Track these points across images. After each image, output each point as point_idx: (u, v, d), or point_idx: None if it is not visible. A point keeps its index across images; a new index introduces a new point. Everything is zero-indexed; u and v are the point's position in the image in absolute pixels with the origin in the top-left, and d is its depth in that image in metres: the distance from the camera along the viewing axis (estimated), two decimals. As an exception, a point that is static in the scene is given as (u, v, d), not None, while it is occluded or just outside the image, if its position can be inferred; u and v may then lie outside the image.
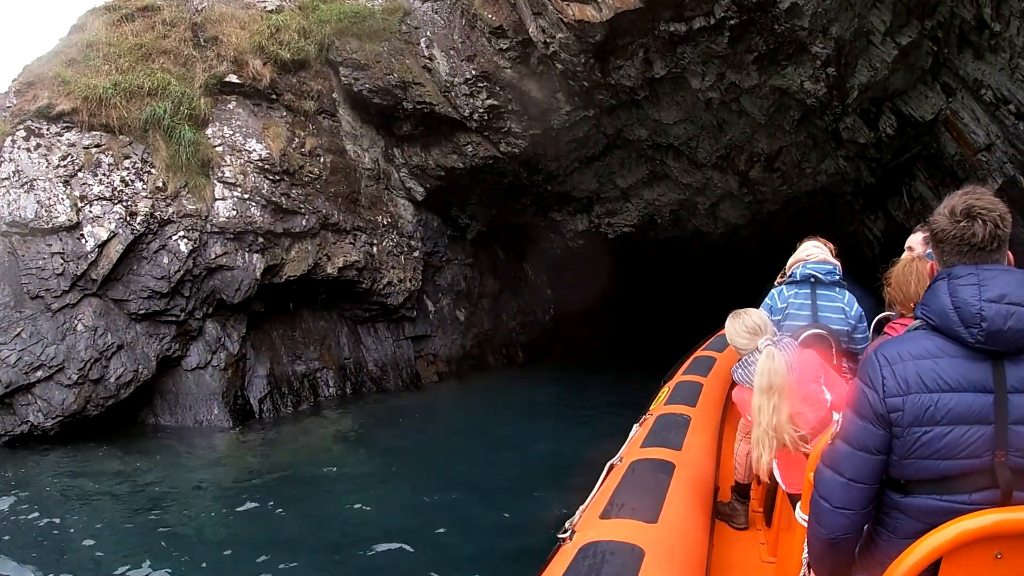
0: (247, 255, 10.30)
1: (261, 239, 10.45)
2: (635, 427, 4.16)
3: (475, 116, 12.38)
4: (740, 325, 3.25)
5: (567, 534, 2.64)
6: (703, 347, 7.07)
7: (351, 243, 11.80)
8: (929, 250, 4.06)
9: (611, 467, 3.45)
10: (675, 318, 18.81)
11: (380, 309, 12.85)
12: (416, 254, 13.51)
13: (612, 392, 12.45)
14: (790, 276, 4.10)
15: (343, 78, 12.38)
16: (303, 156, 11.26)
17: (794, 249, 4.40)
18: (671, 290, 22.38)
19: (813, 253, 4.14)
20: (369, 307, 12.74)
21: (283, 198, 10.76)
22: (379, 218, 12.77)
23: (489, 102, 12.16)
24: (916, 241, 4.26)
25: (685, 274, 21.37)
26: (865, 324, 3.85)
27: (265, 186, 10.58)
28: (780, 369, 2.86)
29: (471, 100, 12.24)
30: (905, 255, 3.34)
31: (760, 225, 15.67)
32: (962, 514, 1.71)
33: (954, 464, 1.71)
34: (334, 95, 12.55)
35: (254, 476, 8.01)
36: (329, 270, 11.47)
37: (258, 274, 10.32)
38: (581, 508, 2.88)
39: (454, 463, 8.88)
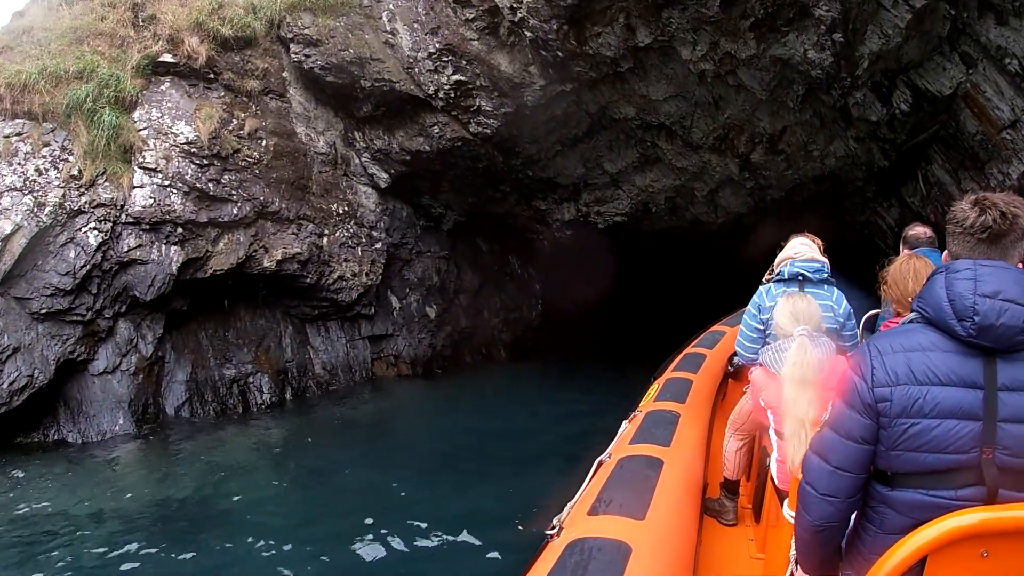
0: (163, 247, 9.73)
1: (181, 230, 9.88)
2: (624, 424, 4.22)
3: (440, 94, 11.63)
4: (789, 306, 3.30)
5: (555, 531, 2.68)
6: (693, 344, 7.07)
7: (293, 233, 11.17)
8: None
9: (600, 464, 3.49)
10: (674, 313, 18.06)
11: (331, 306, 12.24)
12: (378, 246, 12.84)
13: (600, 389, 12.17)
14: (778, 274, 4.12)
15: (293, 55, 11.71)
16: (240, 139, 10.72)
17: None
18: (670, 284, 21.85)
19: (801, 251, 4.15)
20: (318, 304, 12.12)
21: (211, 184, 10.16)
22: (333, 206, 12.10)
23: (455, 78, 11.40)
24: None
25: (685, 267, 20.75)
26: (853, 322, 3.96)
27: (190, 171, 10.00)
28: (812, 363, 2.88)
29: (435, 76, 11.50)
30: (902, 255, 3.42)
31: (764, 214, 14.86)
32: (948, 509, 1.76)
33: (941, 458, 1.77)
34: (284, 74, 11.98)
35: (155, 499, 7.35)
36: (266, 263, 10.85)
37: (174, 268, 9.76)
38: (569, 505, 2.92)
39: (404, 469, 8.39)
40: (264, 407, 10.95)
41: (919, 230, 4.59)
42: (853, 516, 2.00)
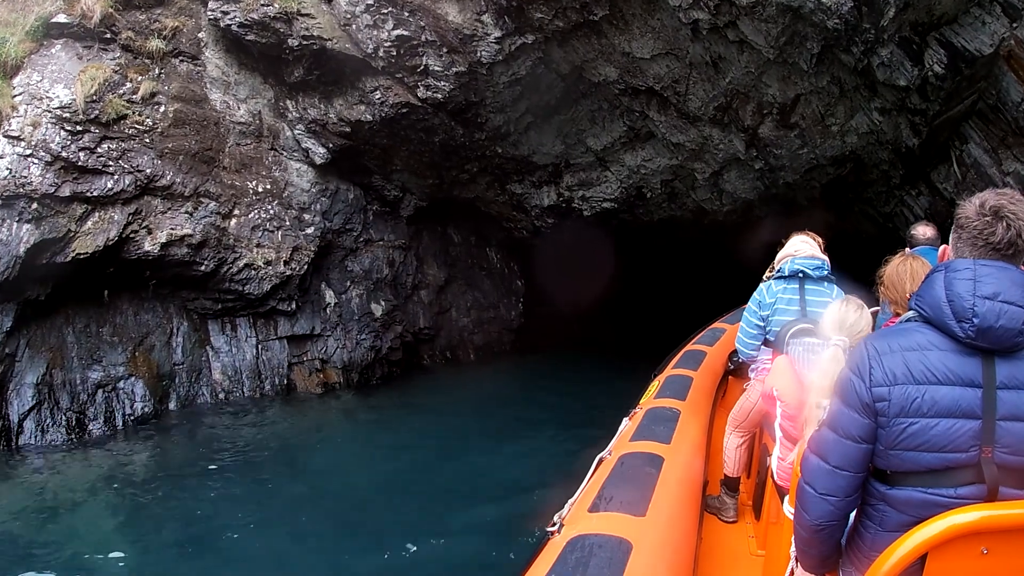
0: (14, 226, 8.82)
1: (36, 205, 8.95)
2: (625, 421, 4.40)
3: (381, 52, 10.57)
4: (841, 312, 3.28)
5: (555, 528, 2.79)
6: (693, 341, 7.36)
7: (187, 212, 10.22)
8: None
9: (600, 460, 3.63)
10: (674, 317, 17.02)
11: (238, 300, 11.25)
12: (309, 231, 11.84)
13: (580, 400, 11.89)
14: (778, 271, 4.36)
15: (210, 13, 10.83)
16: (130, 103, 9.87)
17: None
18: (673, 285, 21.16)
19: (802, 248, 4.42)
20: (222, 297, 11.12)
21: (82, 154, 9.27)
22: (252, 184, 11.15)
23: (397, 32, 10.33)
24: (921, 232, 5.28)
25: (690, 267, 19.74)
26: None
27: (57, 139, 9.12)
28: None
29: (375, 32, 10.45)
30: (898, 255, 3.48)
31: (776, 202, 13.63)
32: (948, 507, 1.87)
33: (940, 457, 1.88)
34: (200, 35, 11.18)
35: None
36: (147, 247, 9.88)
37: (21, 250, 8.79)
38: (570, 502, 3.03)
39: (322, 502, 7.54)
40: (135, 419, 9.87)
41: (920, 229, 5.30)
42: (853, 514, 2.09)
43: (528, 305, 17.80)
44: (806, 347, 3.58)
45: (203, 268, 10.45)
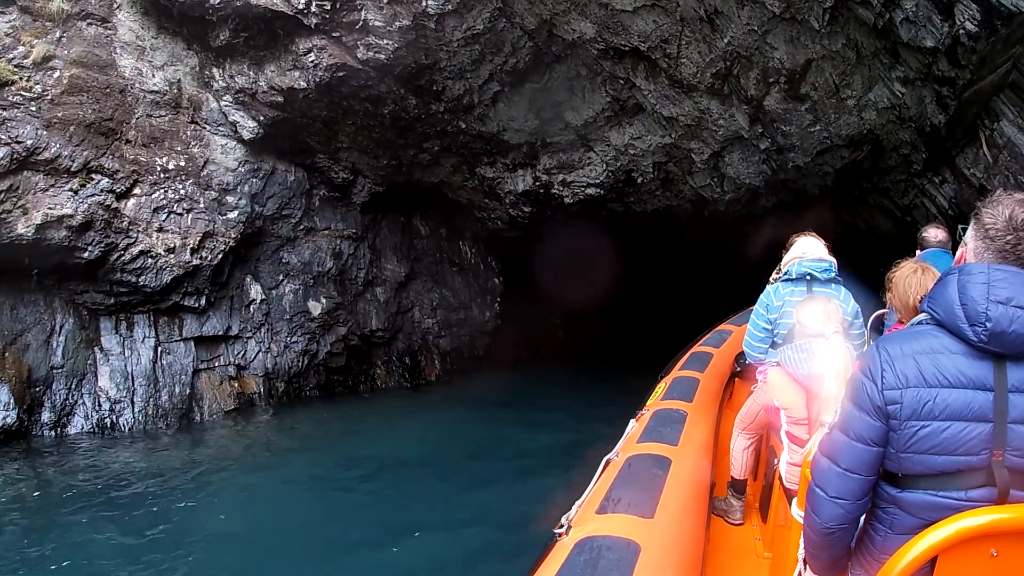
0: None
1: None
2: (632, 422, 4.56)
3: (313, 7, 9.83)
4: (817, 306, 3.88)
5: (563, 529, 2.92)
6: (700, 342, 7.60)
7: (71, 190, 9.47)
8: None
9: (607, 462, 3.80)
10: (674, 317, 16.33)
11: (134, 293, 10.41)
12: (232, 215, 11.10)
13: (559, 411, 11.28)
14: (785, 273, 4.54)
15: None
16: (19, 68, 9.38)
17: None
18: (673, 284, 20.42)
19: (810, 250, 4.58)
20: (115, 289, 10.28)
21: None
22: (162, 160, 10.41)
23: (330, -18, 9.41)
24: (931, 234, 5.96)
25: (691, 265, 18.87)
26: (861, 320, 4.39)
27: None
28: (850, 362, 3.15)
29: (306, -17, 9.55)
30: (910, 263, 3.65)
31: (785, 191, 12.69)
32: (958, 510, 1.96)
33: (951, 460, 1.97)
34: None
35: None
36: (21, 229, 9.10)
37: None
38: (577, 503, 3.17)
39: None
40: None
41: (931, 232, 5.72)
42: (862, 517, 2.18)
43: (509, 305, 17.05)
44: (795, 349, 3.91)
45: (87, 255, 9.70)
